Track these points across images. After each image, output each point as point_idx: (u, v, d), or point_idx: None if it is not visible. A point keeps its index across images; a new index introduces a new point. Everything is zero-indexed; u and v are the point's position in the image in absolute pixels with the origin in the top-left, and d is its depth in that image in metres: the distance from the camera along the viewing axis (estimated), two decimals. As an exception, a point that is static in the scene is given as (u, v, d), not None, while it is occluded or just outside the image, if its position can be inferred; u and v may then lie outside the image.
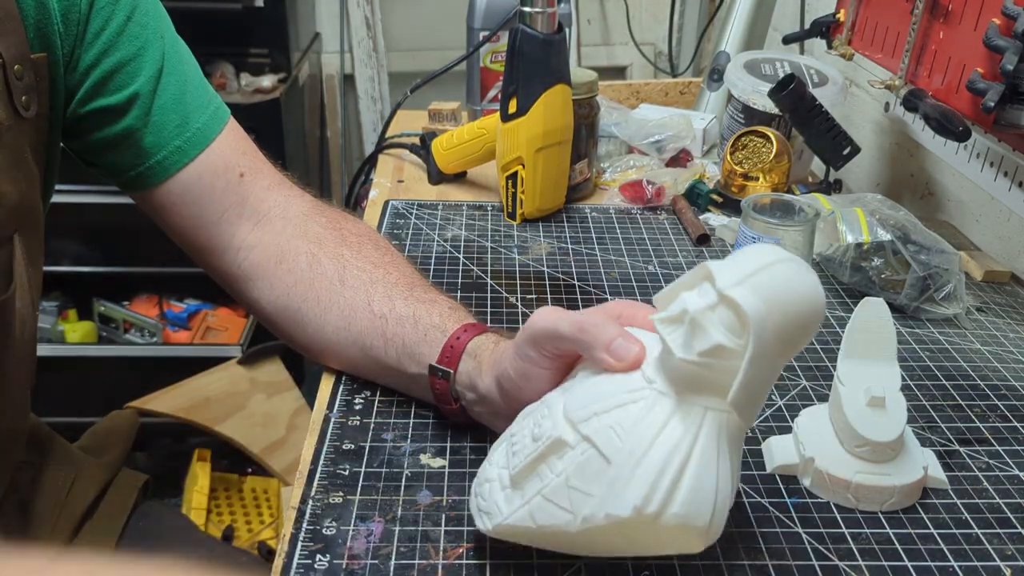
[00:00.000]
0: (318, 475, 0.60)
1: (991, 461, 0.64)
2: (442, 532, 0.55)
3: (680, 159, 1.15)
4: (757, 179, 1.01)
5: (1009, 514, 0.59)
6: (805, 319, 0.45)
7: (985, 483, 0.62)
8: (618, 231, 1.01)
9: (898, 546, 0.56)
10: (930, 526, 0.58)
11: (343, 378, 0.71)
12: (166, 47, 0.68)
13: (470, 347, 0.61)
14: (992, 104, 0.80)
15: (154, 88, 0.67)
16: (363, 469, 0.61)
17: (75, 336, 2.01)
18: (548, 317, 0.53)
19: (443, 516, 0.57)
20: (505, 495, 0.51)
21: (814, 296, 0.45)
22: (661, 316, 0.47)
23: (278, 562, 0.53)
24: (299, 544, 0.54)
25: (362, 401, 0.68)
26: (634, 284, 0.89)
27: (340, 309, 0.68)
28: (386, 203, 1.05)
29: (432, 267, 0.91)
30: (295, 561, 0.53)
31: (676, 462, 0.45)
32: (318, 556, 0.53)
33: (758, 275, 0.44)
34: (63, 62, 0.63)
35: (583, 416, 0.48)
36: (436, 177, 1.12)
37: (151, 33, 0.67)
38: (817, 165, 1.13)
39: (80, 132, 0.68)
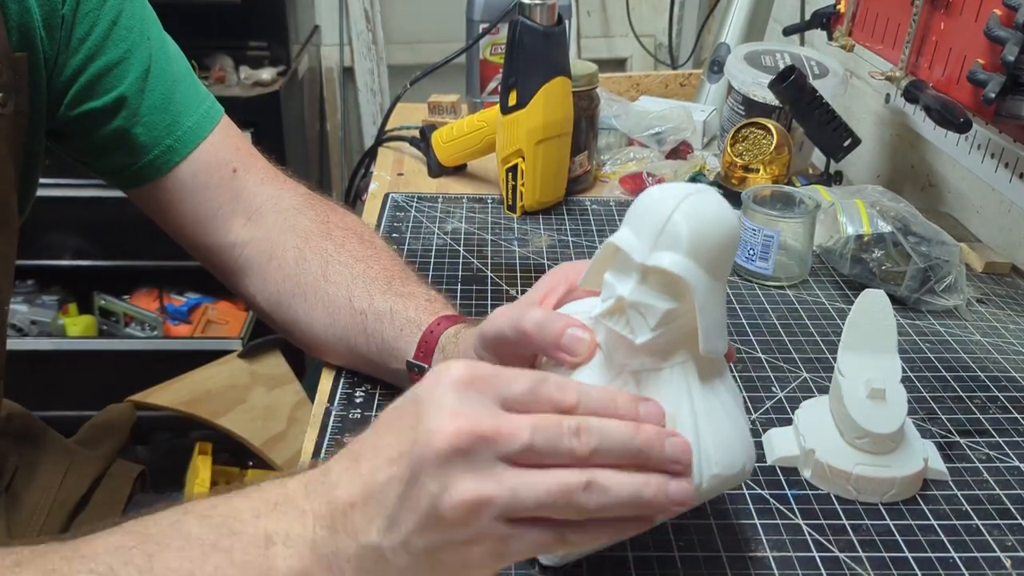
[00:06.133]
0: (319, 468, 0.60)
1: (991, 452, 0.65)
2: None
3: (680, 151, 1.15)
4: (757, 171, 1.01)
5: (1009, 505, 0.59)
6: (725, 242, 0.45)
7: (985, 474, 0.62)
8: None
9: (898, 537, 0.56)
10: (930, 517, 0.58)
11: (343, 372, 0.71)
12: (153, 49, 0.69)
13: (442, 340, 0.61)
14: (993, 95, 0.80)
15: (141, 89, 0.68)
16: (364, 462, 0.61)
17: (75, 330, 2.01)
18: (497, 321, 0.51)
19: (444, 509, 0.57)
20: None
21: (723, 219, 0.45)
22: (600, 312, 0.47)
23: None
24: (300, 537, 0.54)
25: (363, 394, 0.69)
26: (634, 276, 0.89)
27: (325, 306, 0.68)
28: (386, 196, 1.05)
29: (432, 260, 0.91)
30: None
31: (688, 431, 0.45)
32: (319, 549, 0.53)
33: (666, 232, 0.44)
34: (46, 64, 0.63)
35: None
36: (436, 170, 1.11)
37: (137, 36, 0.67)
38: (817, 157, 1.13)
39: (72, 135, 0.68)
